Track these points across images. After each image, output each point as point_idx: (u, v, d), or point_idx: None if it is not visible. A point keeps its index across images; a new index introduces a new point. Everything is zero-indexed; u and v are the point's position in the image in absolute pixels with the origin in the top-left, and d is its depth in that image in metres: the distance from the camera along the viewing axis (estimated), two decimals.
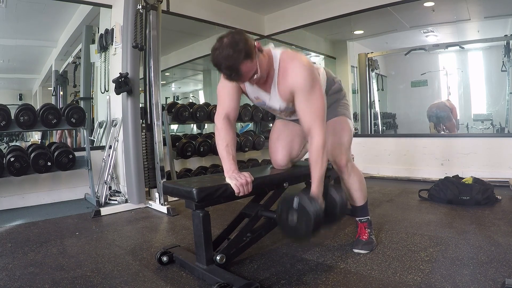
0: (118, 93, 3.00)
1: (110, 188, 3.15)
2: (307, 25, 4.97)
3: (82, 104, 4.37)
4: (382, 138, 4.82)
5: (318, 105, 1.52)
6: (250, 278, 1.54)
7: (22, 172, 2.77)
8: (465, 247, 1.81)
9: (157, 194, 3.01)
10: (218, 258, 1.53)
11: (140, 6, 2.87)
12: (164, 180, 2.96)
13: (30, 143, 3.76)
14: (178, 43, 5.75)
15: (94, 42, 3.94)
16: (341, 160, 1.75)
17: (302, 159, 2.02)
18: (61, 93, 4.96)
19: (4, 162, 2.73)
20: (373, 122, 5.31)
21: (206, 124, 4.88)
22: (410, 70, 5.25)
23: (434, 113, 4.67)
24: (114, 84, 2.98)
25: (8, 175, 2.76)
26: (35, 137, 5.00)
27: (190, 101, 6.32)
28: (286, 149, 1.87)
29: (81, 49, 4.50)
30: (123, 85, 2.92)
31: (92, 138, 3.90)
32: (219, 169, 3.85)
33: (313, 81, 1.51)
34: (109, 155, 3.19)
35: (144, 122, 3.18)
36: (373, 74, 5.32)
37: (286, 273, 1.60)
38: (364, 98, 5.27)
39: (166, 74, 6.21)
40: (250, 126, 5.07)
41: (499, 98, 4.41)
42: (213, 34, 4.87)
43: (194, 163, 4.03)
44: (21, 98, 5.08)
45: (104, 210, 2.84)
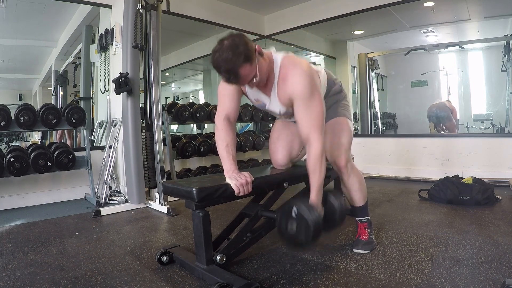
0: (118, 93, 3.00)
1: (110, 188, 3.15)
2: (307, 25, 4.97)
3: (82, 104, 4.37)
4: (382, 138, 4.82)
5: (317, 113, 1.52)
6: (250, 278, 1.54)
7: (22, 172, 2.78)
8: (465, 247, 1.81)
9: (157, 194, 3.01)
10: (218, 258, 1.53)
11: (140, 6, 2.87)
12: (164, 180, 2.96)
13: (30, 143, 3.76)
14: (178, 43, 5.75)
15: (94, 42, 3.94)
16: (341, 160, 1.75)
17: (302, 159, 2.02)
18: (61, 93, 4.96)
19: (4, 162, 2.73)
20: (373, 122, 5.30)
21: (206, 124, 4.88)
22: (410, 70, 5.25)
23: (434, 113, 4.68)
24: (114, 84, 2.98)
25: (8, 175, 2.76)
26: (35, 137, 5.00)
27: (190, 101, 6.32)
28: (286, 149, 1.87)
29: (81, 49, 4.50)
30: (123, 85, 2.92)
31: (92, 138, 3.90)
32: (219, 169, 3.85)
33: (312, 88, 1.51)
34: (109, 155, 3.20)
35: (144, 122, 3.18)
36: (373, 74, 5.32)
37: (286, 273, 1.60)
38: (364, 98, 5.27)
39: (166, 74, 6.21)
40: (250, 126, 5.07)
41: (499, 98, 4.41)
42: (213, 34, 4.88)
43: (194, 163, 4.03)
44: (21, 98, 5.07)
45: (104, 210, 2.84)
